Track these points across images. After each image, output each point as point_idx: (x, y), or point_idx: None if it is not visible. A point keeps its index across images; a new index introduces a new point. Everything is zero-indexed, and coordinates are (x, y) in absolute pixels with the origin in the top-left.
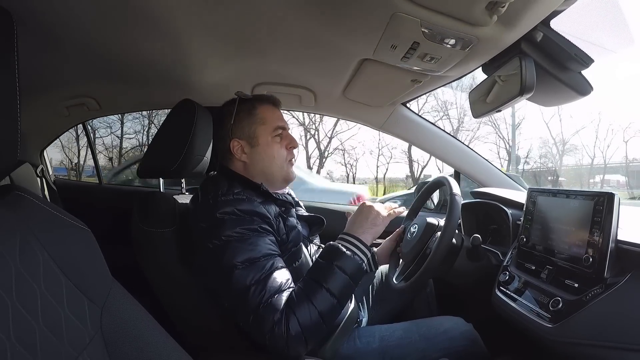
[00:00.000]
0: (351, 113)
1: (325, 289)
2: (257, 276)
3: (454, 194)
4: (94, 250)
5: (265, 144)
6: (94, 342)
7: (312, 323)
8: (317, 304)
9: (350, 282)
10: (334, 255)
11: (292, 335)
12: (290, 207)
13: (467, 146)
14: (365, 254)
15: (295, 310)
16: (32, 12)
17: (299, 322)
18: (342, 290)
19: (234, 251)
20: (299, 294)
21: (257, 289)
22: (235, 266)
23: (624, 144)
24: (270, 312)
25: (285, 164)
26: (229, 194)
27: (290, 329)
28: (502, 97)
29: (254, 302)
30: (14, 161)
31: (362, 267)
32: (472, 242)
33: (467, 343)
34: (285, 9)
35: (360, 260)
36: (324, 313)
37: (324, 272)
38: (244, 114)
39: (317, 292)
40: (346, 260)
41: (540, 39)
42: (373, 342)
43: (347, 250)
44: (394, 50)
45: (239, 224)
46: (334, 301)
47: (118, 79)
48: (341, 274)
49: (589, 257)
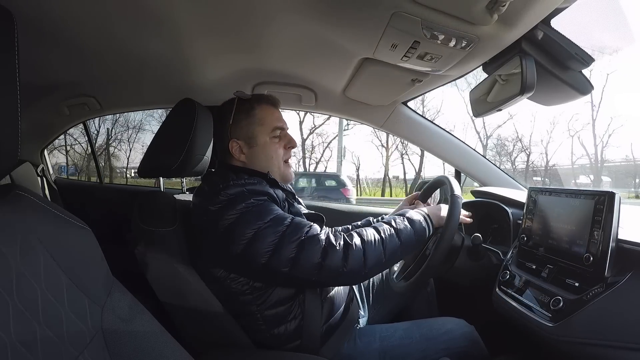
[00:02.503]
0: (352, 112)
1: (395, 229)
2: (287, 222)
3: (454, 193)
4: (94, 249)
5: (264, 145)
6: (95, 342)
7: (374, 247)
8: (384, 235)
9: (414, 240)
10: (406, 212)
11: (350, 245)
12: (293, 199)
13: (467, 145)
14: (430, 229)
15: (360, 232)
16: (33, 12)
17: (362, 238)
18: (406, 240)
19: (255, 215)
20: (366, 227)
21: (293, 228)
22: (259, 227)
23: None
24: (314, 239)
25: (282, 164)
26: (239, 180)
27: (351, 239)
28: (502, 96)
29: (295, 235)
30: (15, 160)
31: (426, 235)
32: (473, 241)
33: (467, 344)
34: (286, 9)
35: (427, 227)
36: (387, 247)
37: (396, 221)
38: (243, 115)
39: (385, 229)
40: (416, 222)
41: (541, 38)
42: (373, 342)
43: (418, 214)
44: (395, 50)
45: (252, 196)
46: (398, 243)
47: (119, 79)
48: (410, 228)
49: (589, 256)
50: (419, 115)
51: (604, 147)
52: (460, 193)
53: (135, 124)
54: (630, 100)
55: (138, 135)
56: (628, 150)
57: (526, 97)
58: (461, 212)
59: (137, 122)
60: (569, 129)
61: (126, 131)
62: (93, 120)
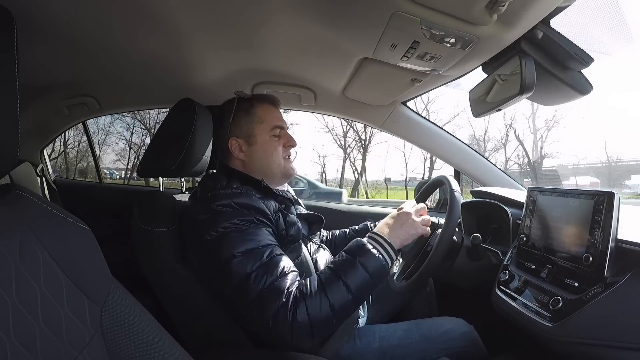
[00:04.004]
0: (351, 112)
1: (343, 282)
2: (258, 263)
3: (454, 191)
4: (94, 249)
5: (263, 143)
6: (94, 341)
7: (321, 315)
8: (331, 296)
9: (370, 282)
10: (359, 251)
11: (298, 322)
12: (290, 204)
13: (467, 145)
14: (392, 258)
15: (306, 298)
16: (33, 11)
17: (308, 311)
18: (360, 287)
19: (232, 241)
20: (313, 282)
21: (258, 275)
22: (234, 255)
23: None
24: (274, 295)
25: (282, 160)
26: (227, 188)
27: (297, 315)
28: (502, 97)
29: (256, 288)
30: (14, 160)
31: (386, 269)
32: (472, 241)
33: (466, 344)
34: (286, 8)
35: (384, 262)
36: (337, 307)
37: (345, 266)
38: (242, 113)
39: (334, 284)
40: (371, 259)
41: (541, 38)
42: (373, 341)
43: (374, 249)
44: (394, 50)
45: (236, 216)
46: (349, 297)
47: (118, 78)
48: (363, 270)
49: (589, 256)
50: (418, 115)
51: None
52: (459, 190)
53: (103, 127)
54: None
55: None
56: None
57: (525, 97)
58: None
59: (106, 125)
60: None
61: (95, 134)
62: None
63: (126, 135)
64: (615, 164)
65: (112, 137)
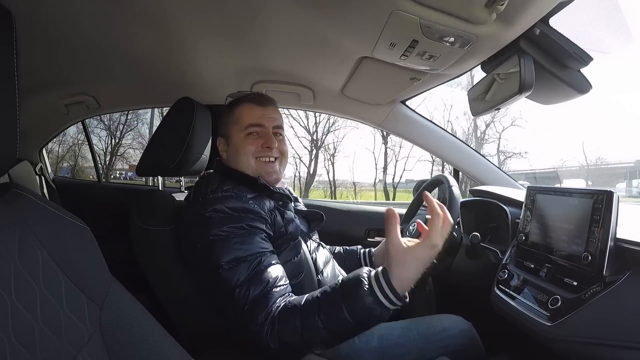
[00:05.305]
0: (350, 111)
1: (321, 321)
2: (243, 277)
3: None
4: (93, 248)
5: (236, 142)
6: (93, 341)
7: (291, 342)
8: (304, 329)
9: (353, 330)
10: (350, 291)
11: (274, 341)
12: (288, 201)
13: (466, 144)
14: (395, 305)
15: (281, 321)
16: (32, 11)
17: (279, 336)
18: (339, 331)
19: (220, 251)
20: (295, 306)
21: (241, 291)
22: (220, 267)
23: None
24: (255, 311)
25: (253, 160)
26: (217, 192)
27: (270, 334)
28: (501, 95)
29: (239, 302)
30: (13, 159)
31: (377, 320)
32: (471, 240)
33: (465, 341)
34: (284, 8)
35: (378, 312)
36: (308, 341)
37: (329, 304)
38: (227, 113)
39: (310, 319)
40: (360, 307)
41: (540, 37)
42: (372, 340)
43: (369, 296)
44: (393, 48)
45: (226, 222)
46: (324, 336)
47: (117, 78)
48: (346, 317)
49: (588, 255)
50: (417, 114)
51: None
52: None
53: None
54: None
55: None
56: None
57: (524, 96)
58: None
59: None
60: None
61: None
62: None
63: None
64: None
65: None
